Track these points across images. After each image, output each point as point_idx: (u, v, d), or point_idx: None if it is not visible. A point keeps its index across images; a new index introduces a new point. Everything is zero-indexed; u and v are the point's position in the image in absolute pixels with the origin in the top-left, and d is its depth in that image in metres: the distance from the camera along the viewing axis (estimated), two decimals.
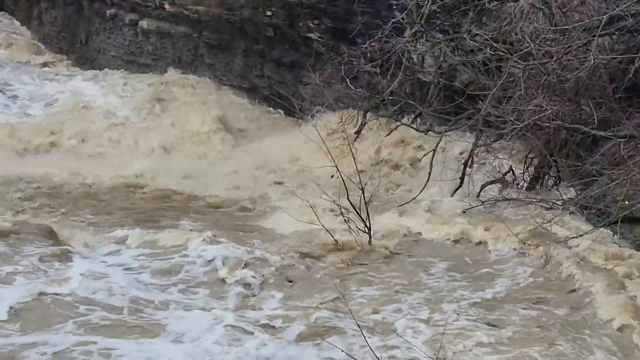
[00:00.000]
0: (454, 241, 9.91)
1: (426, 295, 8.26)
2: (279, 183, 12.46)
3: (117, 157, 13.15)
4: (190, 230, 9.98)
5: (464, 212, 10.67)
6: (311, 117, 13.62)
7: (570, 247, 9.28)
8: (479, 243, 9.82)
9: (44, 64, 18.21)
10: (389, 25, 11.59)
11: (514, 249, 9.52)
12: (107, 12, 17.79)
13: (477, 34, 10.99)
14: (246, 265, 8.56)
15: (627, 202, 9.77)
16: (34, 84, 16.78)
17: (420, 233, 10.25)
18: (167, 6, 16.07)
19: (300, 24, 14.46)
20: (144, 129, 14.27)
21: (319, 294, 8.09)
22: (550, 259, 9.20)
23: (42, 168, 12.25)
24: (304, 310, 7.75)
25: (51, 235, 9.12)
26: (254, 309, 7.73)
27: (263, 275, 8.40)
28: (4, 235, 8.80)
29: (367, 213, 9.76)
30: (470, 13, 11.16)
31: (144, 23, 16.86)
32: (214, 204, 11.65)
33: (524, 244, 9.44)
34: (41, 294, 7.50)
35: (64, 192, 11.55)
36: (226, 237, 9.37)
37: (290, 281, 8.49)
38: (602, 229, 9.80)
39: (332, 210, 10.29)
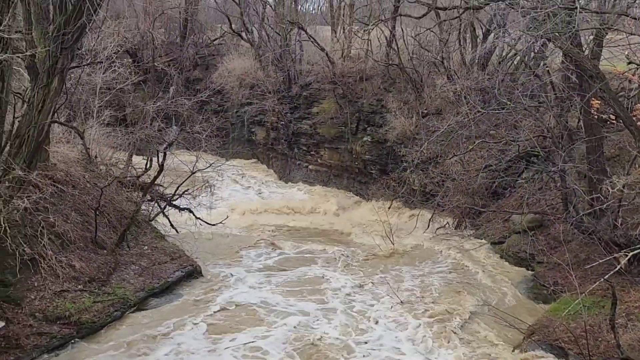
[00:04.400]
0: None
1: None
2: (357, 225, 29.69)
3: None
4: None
5: (431, 237, 27.68)
6: (372, 200, 31.69)
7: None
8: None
9: (270, 180, 37.86)
10: (400, 168, 29.52)
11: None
12: (297, 162, 37.22)
13: None
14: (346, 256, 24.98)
15: (493, 235, 26.68)
16: (270, 186, 35.99)
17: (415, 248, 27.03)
18: (319, 160, 35.20)
19: (369, 167, 32.76)
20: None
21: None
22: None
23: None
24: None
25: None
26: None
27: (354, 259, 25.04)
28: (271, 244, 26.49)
29: (393, 237, 26.80)
30: None
31: (311, 167, 36.14)
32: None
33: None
34: None
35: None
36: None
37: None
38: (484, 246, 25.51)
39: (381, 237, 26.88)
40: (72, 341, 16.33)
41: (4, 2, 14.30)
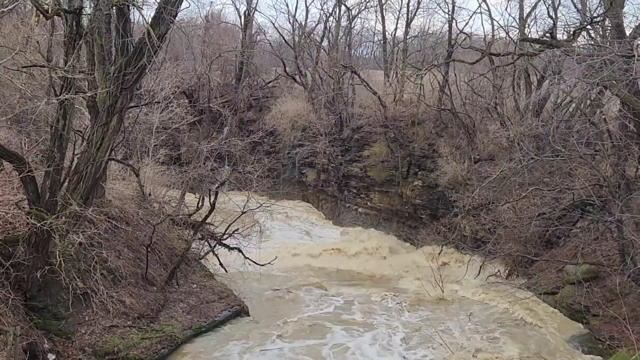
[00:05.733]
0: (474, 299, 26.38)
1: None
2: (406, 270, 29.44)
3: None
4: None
5: (481, 285, 27.22)
6: (422, 245, 31.38)
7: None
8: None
9: (319, 221, 38.11)
10: (451, 213, 29.24)
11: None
12: (347, 204, 37.43)
13: None
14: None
15: (546, 285, 26.05)
16: (319, 228, 36.07)
17: (464, 296, 26.68)
18: (368, 203, 34.96)
19: (419, 212, 32.51)
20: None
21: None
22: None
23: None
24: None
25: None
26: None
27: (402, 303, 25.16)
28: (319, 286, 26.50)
29: (442, 284, 26.55)
30: None
31: (360, 209, 35.98)
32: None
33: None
34: None
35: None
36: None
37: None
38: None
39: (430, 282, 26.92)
40: None
41: (70, 44, 14.90)
